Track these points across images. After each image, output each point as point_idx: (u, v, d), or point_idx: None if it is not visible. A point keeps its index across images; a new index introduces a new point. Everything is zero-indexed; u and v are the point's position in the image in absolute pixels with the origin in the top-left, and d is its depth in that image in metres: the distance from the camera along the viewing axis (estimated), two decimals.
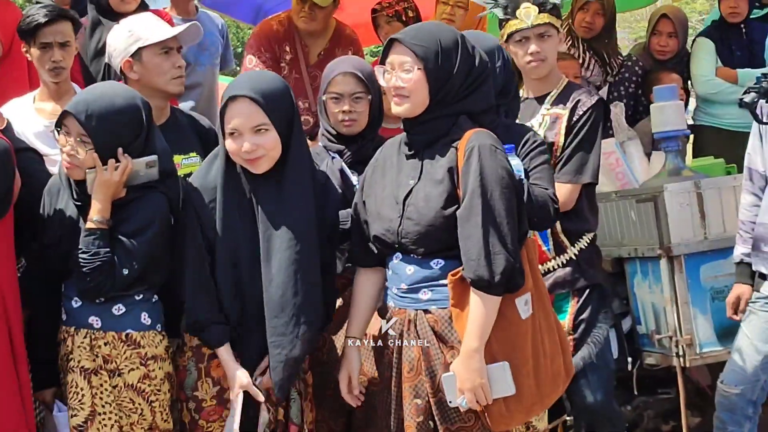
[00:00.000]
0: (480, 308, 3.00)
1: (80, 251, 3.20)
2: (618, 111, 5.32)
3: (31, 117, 4.15)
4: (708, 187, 4.63)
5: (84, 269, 3.19)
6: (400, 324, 3.17)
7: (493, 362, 3.02)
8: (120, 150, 3.25)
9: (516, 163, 3.26)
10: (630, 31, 16.19)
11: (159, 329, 3.36)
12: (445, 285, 3.08)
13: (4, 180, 3.26)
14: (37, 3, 5.45)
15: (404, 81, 3.10)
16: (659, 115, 4.86)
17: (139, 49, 3.74)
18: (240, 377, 3.21)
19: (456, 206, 3.06)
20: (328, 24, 5.33)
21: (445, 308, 3.10)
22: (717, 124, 5.97)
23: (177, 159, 3.66)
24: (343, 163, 3.67)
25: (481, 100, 3.18)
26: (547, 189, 3.46)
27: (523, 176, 3.27)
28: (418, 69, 3.10)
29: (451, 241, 3.06)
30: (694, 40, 6.25)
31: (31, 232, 3.41)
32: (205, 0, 5.41)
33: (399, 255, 3.18)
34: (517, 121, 3.89)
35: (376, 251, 3.27)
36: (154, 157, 3.30)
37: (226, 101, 3.22)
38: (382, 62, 3.21)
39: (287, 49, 5.26)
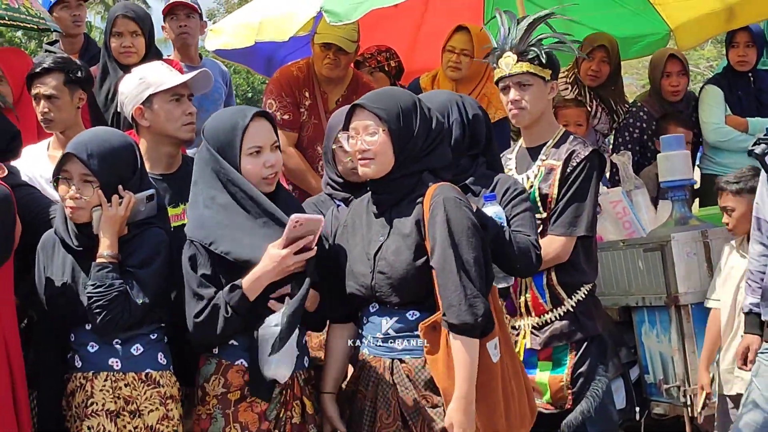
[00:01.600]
0: (464, 353, 3.08)
1: (93, 286, 3.24)
2: (625, 160, 5.33)
3: (44, 164, 4.20)
4: (715, 236, 4.64)
5: (100, 303, 3.23)
6: (375, 372, 3.25)
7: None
8: (120, 186, 3.33)
9: (497, 210, 3.34)
10: (638, 77, 16.23)
11: (172, 371, 3.40)
12: (418, 335, 3.17)
13: (5, 226, 3.28)
14: (47, 51, 5.56)
15: (369, 144, 3.21)
16: (666, 164, 4.87)
17: (150, 96, 3.77)
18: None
19: (425, 257, 3.16)
20: (347, 71, 5.39)
21: (419, 357, 3.19)
22: (725, 172, 5.92)
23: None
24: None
25: (440, 156, 3.30)
26: (529, 236, 3.49)
27: (504, 224, 3.35)
28: (383, 131, 3.20)
29: (423, 292, 3.17)
30: (702, 87, 6.25)
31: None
32: (218, 50, 5.47)
33: (375, 305, 3.27)
34: (513, 171, 3.96)
35: (348, 307, 3.36)
36: (152, 191, 3.39)
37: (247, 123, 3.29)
38: (345, 128, 3.31)
39: (306, 95, 5.32)
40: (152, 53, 4.90)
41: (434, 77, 5.59)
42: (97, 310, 3.24)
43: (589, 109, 5.86)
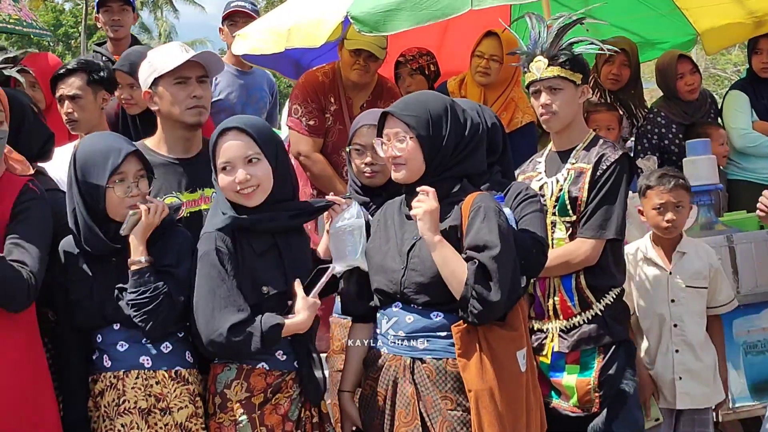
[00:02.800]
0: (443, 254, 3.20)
1: (137, 293, 3.26)
2: (650, 164, 5.33)
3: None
4: (741, 241, 4.63)
5: (147, 308, 3.26)
6: (395, 370, 3.28)
7: (498, 414, 3.13)
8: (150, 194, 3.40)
9: (506, 212, 3.36)
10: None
11: (198, 369, 3.43)
12: (442, 336, 3.22)
13: (48, 226, 3.32)
14: (95, 52, 5.62)
15: (399, 150, 3.28)
16: (692, 168, 4.87)
17: (156, 79, 3.74)
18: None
19: None
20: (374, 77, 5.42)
21: (440, 359, 3.22)
22: (751, 178, 5.93)
23: (207, 192, 3.71)
24: (370, 216, 3.71)
25: (477, 163, 3.36)
26: (534, 233, 3.46)
27: (514, 225, 3.37)
28: (411, 138, 3.25)
29: (450, 294, 3.19)
30: (727, 92, 6.24)
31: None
32: (248, 56, 5.52)
33: (399, 304, 3.30)
34: (543, 174, 4.00)
35: (370, 306, 3.40)
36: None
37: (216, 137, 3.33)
38: (379, 134, 3.37)
39: (332, 100, 5.34)
40: None
41: (462, 81, 5.60)
42: (145, 316, 3.27)
43: (621, 113, 5.87)
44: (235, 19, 6.06)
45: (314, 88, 5.34)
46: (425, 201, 3.21)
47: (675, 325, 4.28)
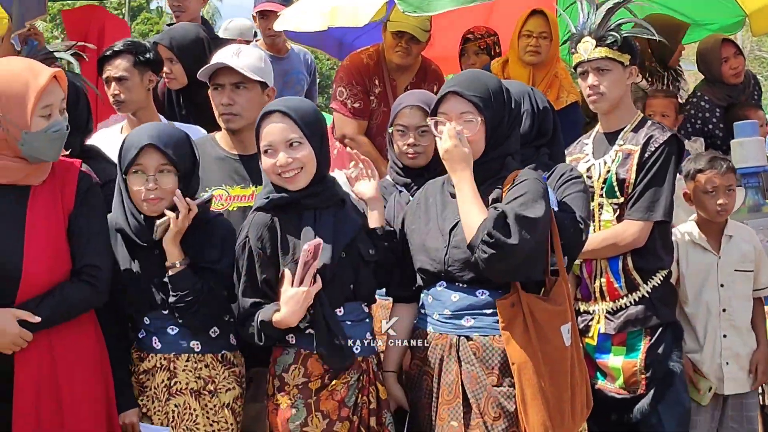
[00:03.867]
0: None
1: (177, 297, 3.28)
2: (698, 146, 5.30)
3: (118, 146, 4.28)
4: None
5: (191, 310, 3.29)
6: (441, 349, 3.27)
7: (541, 387, 3.13)
8: (178, 194, 3.32)
9: (549, 192, 3.34)
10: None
11: (240, 351, 3.48)
12: (488, 314, 3.21)
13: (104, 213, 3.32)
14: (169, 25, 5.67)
15: (466, 131, 3.23)
16: (740, 150, 4.83)
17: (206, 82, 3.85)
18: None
19: None
20: (417, 58, 5.40)
21: (487, 336, 3.21)
22: None
23: (260, 190, 3.65)
24: (410, 197, 3.71)
25: (516, 141, 3.35)
26: (574, 213, 3.44)
27: (555, 207, 3.35)
28: (480, 119, 3.22)
29: None
30: None
31: None
32: (290, 33, 5.52)
33: (443, 283, 3.29)
34: (590, 156, 3.98)
35: (415, 286, 3.39)
36: (210, 195, 3.39)
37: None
38: (434, 113, 3.32)
39: (376, 82, 5.34)
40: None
41: (504, 62, 5.57)
42: (186, 317, 3.31)
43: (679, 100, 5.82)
44: (266, 14, 6.04)
45: (359, 70, 5.34)
46: (446, 139, 3.20)
47: (724, 310, 4.25)
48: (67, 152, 3.43)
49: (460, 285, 3.26)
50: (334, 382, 3.27)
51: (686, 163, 4.37)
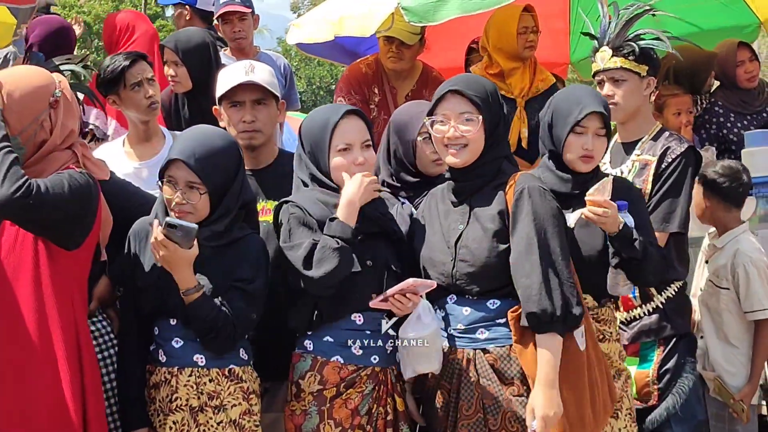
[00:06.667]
0: (547, 350, 3.09)
1: (195, 325, 3.22)
2: (709, 155, 5.27)
3: (121, 160, 4.22)
4: None
5: (210, 336, 3.22)
6: (458, 364, 3.24)
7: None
8: (156, 222, 3.22)
9: (629, 220, 3.32)
10: None
11: (252, 366, 3.39)
12: (501, 324, 3.19)
13: (83, 210, 3.24)
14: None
15: (464, 132, 3.21)
16: (750, 160, 4.81)
17: (219, 98, 3.76)
18: None
19: (507, 245, 3.17)
20: (415, 65, 5.39)
21: (503, 346, 3.20)
22: None
23: (269, 205, 3.66)
24: (413, 208, 3.61)
25: (508, 144, 3.39)
26: (654, 244, 3.43)
27: (635, 234, 3.32)
28: (481, 119, 3.21)
29: (504, 280, 3.17)
30: None
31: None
32: (302, 46, 5.49)
33: (453, 297, 3.27)
34: (608, 165, 3.96)
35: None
36: (194, 226, 3.18)
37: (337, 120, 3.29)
38: (431, 114, 3.29)
39: (376, 91, 5.35)
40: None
41: (487, 66, 5.48)
42: (207, 343, 3.24)
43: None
44: (229, 17, 5.65)
45: (357, 79, 5.36)
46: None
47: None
48: None
49: (470, 298, 3.24)
50: (349, 390, 3.26)
51: None
